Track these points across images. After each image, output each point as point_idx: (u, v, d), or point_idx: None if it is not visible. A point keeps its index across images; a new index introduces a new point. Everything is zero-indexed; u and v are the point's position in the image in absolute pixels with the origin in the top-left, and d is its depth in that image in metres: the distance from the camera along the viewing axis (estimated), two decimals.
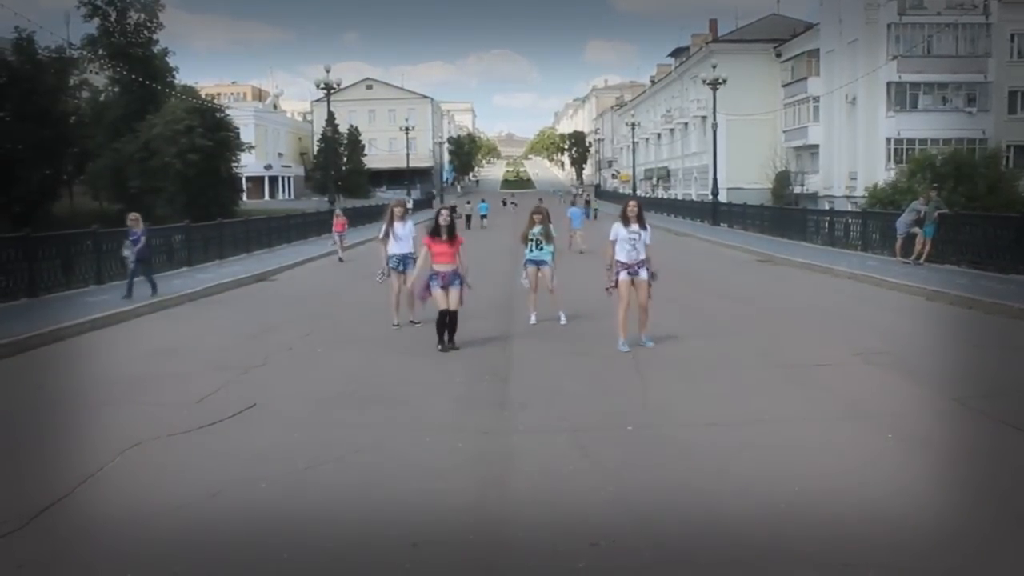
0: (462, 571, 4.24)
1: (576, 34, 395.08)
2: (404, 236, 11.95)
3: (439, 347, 9.94)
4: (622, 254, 9.73)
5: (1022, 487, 5.19)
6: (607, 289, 9.95)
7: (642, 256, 9.73)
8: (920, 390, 7.76)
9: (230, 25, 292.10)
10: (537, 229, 11.86)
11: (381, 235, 12.01)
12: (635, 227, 9.71)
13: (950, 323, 11.94)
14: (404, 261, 11.86)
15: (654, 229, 10.34)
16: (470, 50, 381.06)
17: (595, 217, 43.35)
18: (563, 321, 11.63)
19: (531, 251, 11.91)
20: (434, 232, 10.23)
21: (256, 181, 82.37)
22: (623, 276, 9.69)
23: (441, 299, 9.95)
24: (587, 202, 49.21)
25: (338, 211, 27.17)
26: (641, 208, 9.92)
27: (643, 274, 9.72)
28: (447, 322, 9.97)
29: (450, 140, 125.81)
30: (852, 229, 23.58)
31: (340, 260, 23.88)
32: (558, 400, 7.59)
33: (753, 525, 4.67)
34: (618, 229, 9.76)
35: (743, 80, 50.29)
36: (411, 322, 11.83)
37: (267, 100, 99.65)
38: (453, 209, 9.95)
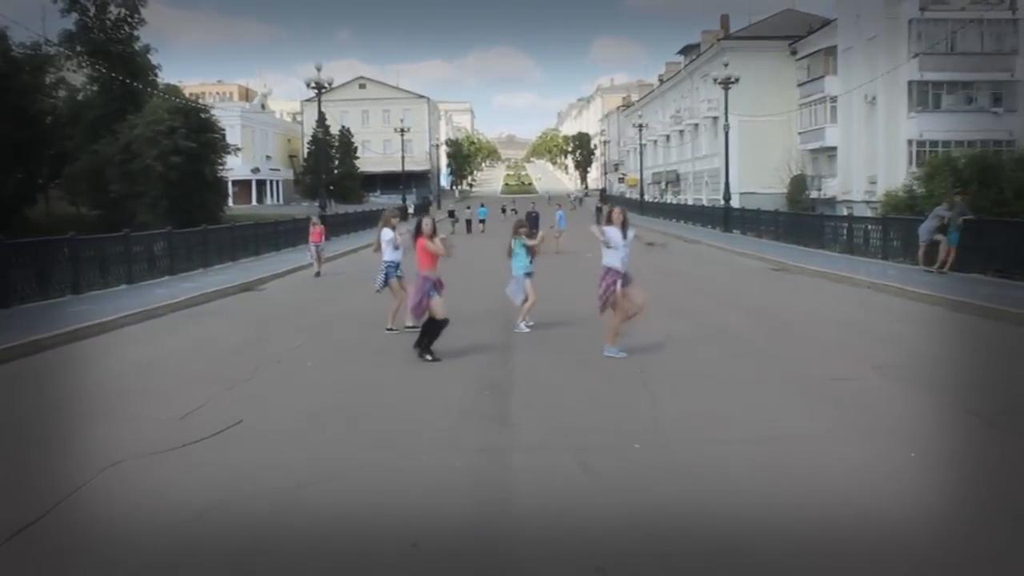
0: None
1: (581, 31, 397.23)
2: (392, 244, 12.29)
3: (429, 356, 9.96)
4: (616, 260, 9.97)
5: None
6: (601, 309, 10.22)
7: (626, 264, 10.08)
8: (943, 406, 7.76)
9: (216, 21, 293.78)
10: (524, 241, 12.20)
11: (374, 247, 12.50)
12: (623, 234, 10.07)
13: (975, 335, 11.94)
14: (398, 268, 12.27)
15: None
16: (470, 48, 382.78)
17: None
18: (525, 330, 11.88)
19: (529, 263, 12.18)
20: (418, 234, 10.29)
21: (243, 185, 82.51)
22: (618, 285, 9.93)
23: (439, 308, 10.01)
24: (599, 208, 49.16)
25: (314, 219, 24.96)
26: (626, 215, 10.42)
27: (628, 281, 10.06)
28: (434, 331, 10.01)
29: (448, 142, 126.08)
30: (872, 236, 23.62)
31: (317, 275, 22.03)
32: (561, 415, 7.61)
33: (768, 548, 4.67)
34: (615, 234, 10.01)
35: (756, 79, 50.45)
36: (387, 329, 12.11)
37: (255, 100, 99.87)
38: (451, 213, 9.93)
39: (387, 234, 12.36)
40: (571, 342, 11.26)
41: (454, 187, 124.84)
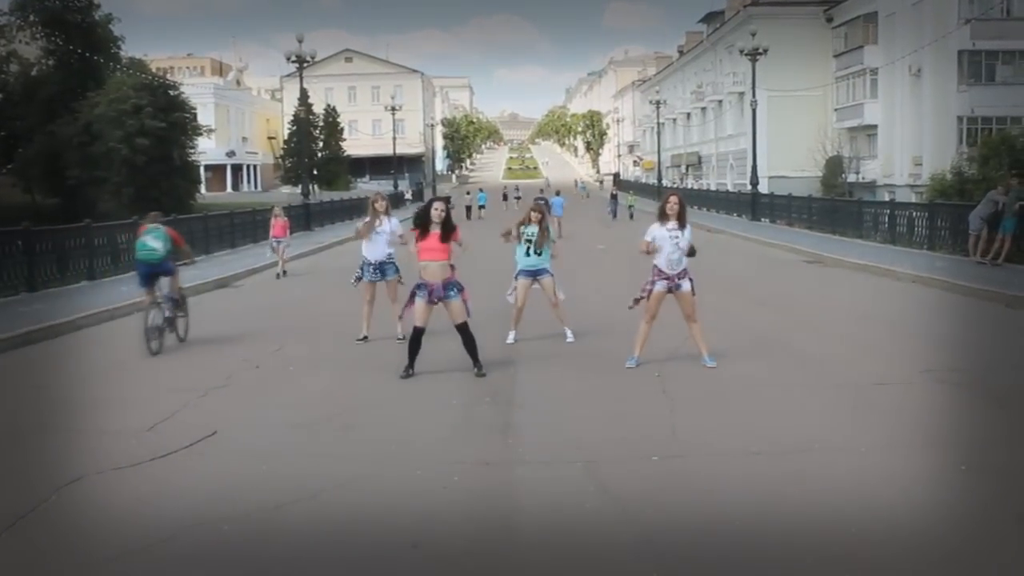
0: None
1: None
2: (381, 238, 11.83)
3: (403, 373, 9.49)
4: (661, 261, 9.66)
5: None
6: (635, 300, 9.89)
7: (684, 264, 9.66)
8: (1000, 413, 7.75)
9: None
10: (532, 229, 11.33)
11: (364, 235, 11.97)
12: (673, 225, 9.59)
13: None
14: (382, 268, 11.84)
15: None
16: (468, 15, 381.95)
17: (632, 216, 42.94)
18: (570, 339, 11.45)
19: (527, 255, 11.38)
20: (422, 224, 9.53)
21: (217, 170, 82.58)
22: (659, 287, 9.67)
23: (420, 314, 9.43)
24: (613, 196, 48.93)
25: (277, 209, 23.22)
26: (684, 205, 9.79)
27: (686, 285, 9.67)
28: (420, 343, 9.47)
29: (444, 122, 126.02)
30: (917, 224, 23.58)
31: (279, 275, 20.98)
32: (571, 425, 7.61)
33: (800, 571, 4.67)
34: (655, 230, 9.67)
35: (787, 50, 50.24)
36: (397, 339, 11.75)
37: (229, 75, 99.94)
38: (447, 200, 9.62)
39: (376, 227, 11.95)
40: (582, 345, 11.24)
41: (451, 171, 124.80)
